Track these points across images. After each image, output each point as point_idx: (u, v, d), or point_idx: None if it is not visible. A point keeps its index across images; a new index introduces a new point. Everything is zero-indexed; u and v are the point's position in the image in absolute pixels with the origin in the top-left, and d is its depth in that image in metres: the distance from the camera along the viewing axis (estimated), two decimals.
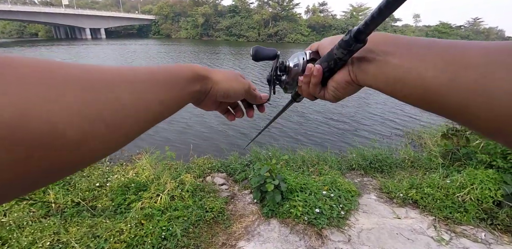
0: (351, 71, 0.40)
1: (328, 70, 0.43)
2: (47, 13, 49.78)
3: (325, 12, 74.03)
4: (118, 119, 0.26)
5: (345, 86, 0.42)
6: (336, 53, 0.39)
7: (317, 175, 3.65)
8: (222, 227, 2.65)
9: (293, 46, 50.10)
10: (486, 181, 2.89)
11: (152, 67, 0.35)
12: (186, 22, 69.01)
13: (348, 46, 0.36)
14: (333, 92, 0.44)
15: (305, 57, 0.49)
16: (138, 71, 0.32)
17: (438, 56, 0.31)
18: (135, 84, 0.30)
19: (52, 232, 2.29)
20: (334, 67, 0.42)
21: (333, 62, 0.41)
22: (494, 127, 0.27)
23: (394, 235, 2.60)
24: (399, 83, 0.34)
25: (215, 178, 3.51)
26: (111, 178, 3.11)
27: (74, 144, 0.22)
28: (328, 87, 0.45)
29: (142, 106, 0.30)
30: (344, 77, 0.41)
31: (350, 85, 0.42)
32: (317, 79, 0.44)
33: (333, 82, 0.43)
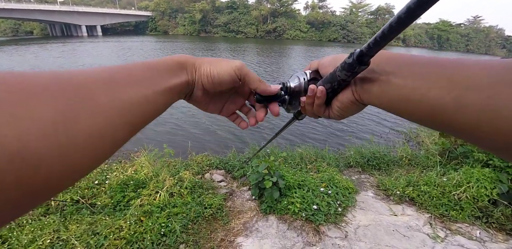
0: (355, 91, 0.40)
1: (332, 91, 0.43)
2: (42, 10, 49.08)
3: (324, 9, 73.73)
4: (98, 124, 0.25)
5: (350, 105, 0.42)
6: (339, 75, 0.39)
7: (315, 172, 3.68)
8: (220, 223, 2.67)
9: (292, 43, 50.00)
10: (482, 179, 2.93)
11: (130, 64, 0.33)
12: (184, 18, 68.51)
13: (352, 69, 0.36)
14: (337, 112, 0.44)
15: (305, 77, 0.49)
16: (114, 70, 0.30)
17: (441, 75, 0.30)
18: (111, 84, 0.28)
19: (52, 229, 2.30)
20: (337, 88, 0.42)
21: (336, 83, 0.41)
22: (503, 145, 0.27)
23: (390, 231, 2.64)
24: (403, 103, 0.34)
25: (213, 175, 3.53)
26: (110, 175, 3.12)
27: (53, 158, 0.20)
28: (333, 107, 0.44)
29: (123, 107, 0.28)
30: (348, 97, 0.41)
31: (355, 105, 0.41)
32: (321, 101, 0.44)
33: (337, 102, 0.43)
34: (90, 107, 0.24)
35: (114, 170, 3.29)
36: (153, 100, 0.32)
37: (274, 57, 24.95)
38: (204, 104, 0.47)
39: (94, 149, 0.24)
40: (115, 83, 0.28)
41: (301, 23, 66.80)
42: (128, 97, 0.29)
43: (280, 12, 66.18)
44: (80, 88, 0.25)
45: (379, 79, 0.36)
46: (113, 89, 0.27)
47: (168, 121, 7.44)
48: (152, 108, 0.32)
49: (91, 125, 0.24)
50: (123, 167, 3.38)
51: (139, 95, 0.30)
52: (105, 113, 0.25)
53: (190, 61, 0.41)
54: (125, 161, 3.73)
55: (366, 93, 0.38)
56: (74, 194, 2.76)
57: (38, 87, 0.22)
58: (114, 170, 3.29)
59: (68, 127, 0.22)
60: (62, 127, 0.21)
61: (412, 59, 0.35)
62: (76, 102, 0.23)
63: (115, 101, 0.27)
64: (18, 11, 46.13)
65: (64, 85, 0.23)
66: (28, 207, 0.21)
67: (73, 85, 0.24)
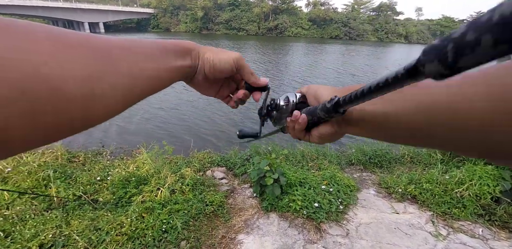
0: (334, 124, 0.43)
1: (312, 122, 0.45)
2: (45, 7, 49.14)
3: (326, 5, 73.31)
4: (118, 81, 0.29)
5: (330, 136, 0.45)
6: (319, 112, 0.41)
7: (316, 169, 3.67)
8: (222, 220, 2.68)
9: (294, 40, 49.76)
10: (485, 177, 2.91)
11: (144, 40, 0.37)
12: (185, 15, 68.33)
13: (329, 113, 0.39)
14: (317, 139, 0.47)
15: (294, 100, 0.52)
16: (133, 42, 0.34)
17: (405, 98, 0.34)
18: (129, 51, 0.32)
19: (54, 225, 2.31)
20: (317, 122, 0.45)
21: (316, 118, 0.43)
22: None
23: (392, 229, 2.63)
24: (381, 127, 0.37)
25: (215, 172, 3.53)
26: (112, 172, 3.13)
27: (79, 99, 0.24)
28: (312, 134, 0.47)
29: (137, 73, 0.32)
30: (327, 129, 0.44)
31: (334, 135, 0.45)
32: (301, 127, 0.46)
33: (317, 132, 0.46)
34: (112, 71, 0.28)
35: (116, 166, 3.30)
36: (162, 75, 0.37)
37: (274, 55, 24.86)
38: (202, 87, 0.51)
39: (108, 105, 0.29)
40: (135, 54, 0.33)
41: (303, 20, 66.48)
42: (143, 68, 0.33)
43: (281, 9, 65.88)
44: (107, 53, 0.29)
45: (354, 109, 0.38)
46: (132, 59, 0.32)
47: (170, 120, 7.45)
48: (158, 82, 0.36)
49: (110, 85, 0.28)
50: (125, 163, 3.39)
51: (152, 68, 0.34)
52: (123, 78, 0.30)
53: (195, 48, 0.44)
54: (127, 158, 3.74)
55: (345, 123, 0.41)
56: (76, 190, 2.77)
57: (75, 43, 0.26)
58: (116, 166, 3.30)
59: (94, 82, 0.26)
60: (88, 82, 0.25)
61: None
62: (103, 64, 0.27)
63: (133, 70, 0.31)
64: (21, 7, 46.18)
65: (94, 48, 0.27)
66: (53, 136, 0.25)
67: (102, 49, 0.28)
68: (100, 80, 0.26)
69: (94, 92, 0.26)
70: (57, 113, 0.23)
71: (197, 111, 8.22)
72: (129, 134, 6.07)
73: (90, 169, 3.27)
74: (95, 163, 3.51)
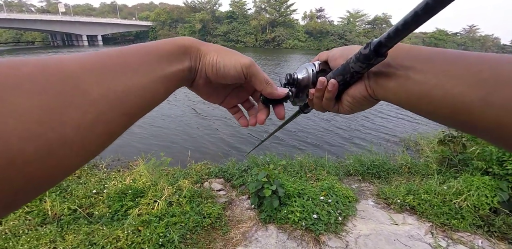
0: (368, 86, 0.37)
1: (343, 84, 0.40)
2: (43, 20, 49.75)
3: (322, 18, 74.84)
4: (90, 118, 0.23)
5: (362, 100, 0.39)
6: (353, 66, 0.36)
7: (314, 180, 3.66)
8: (219, 233, 2.64)
9: (291, 52, 50.46)
10: (483, 187, 2.91)
11: (125, 48, 0.31)
12: (184, 28, 69.35)
13: (367, 60, 0.34)
14: (348, 107, 0.41)
15: (314, 69, 0.46)
16: (106, 56, 0.28)
17: (467, 71, 0.28)
18: (102, 71, 0.25)
19: (49, 240, 2.27)
20: (350, 81, 0.39)
21: (349, 75, 0.38)
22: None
23: (391, 241, 2.60)
24: (424, 100, 0.31)
25: (212, 183, 3.50)
26: (108, 184, 3.10)
27: (39, 157, 0.19)
28: (343, 102, 0.41)
29: (116, 97, 0.25)
30: (361, 92, 0.38)
31: (367, 100, 0.39)
32: (332, 95, 0.40)
33: (348, 96, 0.40)
34: (80, 100, 0.22)
35: (112, 179, 3.27)
36: (151, 88, 0.30)
37: (273, 65, 25.14)
38: (206, 93, 0.43)
39: (86, 144, 0.23)
40: (108, 71, 0.26)
41: (300, 33, 67.65)
42: (123, 86, 0.26)
43: (278, 22, 67.10)
44: (68, 78, 0.22)
45: (397, 74, 0.33)
46: (105, 78, 0.25)
47: (167, 130, 7.43)
48: (150, 97, 0.30)
49: (81, 120, 0.22)
50: (122, 176, 3.36)
51: (135, 84, 0.28)
52: (97, 106, 0.23)
53: (195, 46, 0.37)
54: (124, 170, 3.71)
55: (382, 88, 0.35)
56: (71, 204, 2.73)
57: (22, 78, 0.20)
58: (112, 179, 3.27)
59: (56, 124, 0.20)
60: (49, 125, 0.20)
61: (432, 53, 0.32)
62: (64, 96, 0.21)
63: (108, 92, 0.25)
64: (20, 21, 46.75)
65: (51, 76, 0.21)
66: (9, 209, 0.20)
67: (61, 75, 0.22)
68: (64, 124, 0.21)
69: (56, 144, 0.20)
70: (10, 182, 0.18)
71: (194, 122, 8.22)
72: (125, 146, 6.04)
73: (86, 182, 3.23)
74: (91, 175, 3.48)
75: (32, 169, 0.19)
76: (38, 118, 0.19)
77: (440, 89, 0.29)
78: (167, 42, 0.35)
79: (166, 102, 9.43)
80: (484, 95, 0.26)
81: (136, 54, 0.30)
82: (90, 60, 0.25)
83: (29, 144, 0.18)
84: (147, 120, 7.91)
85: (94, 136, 0.23)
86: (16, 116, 0.18)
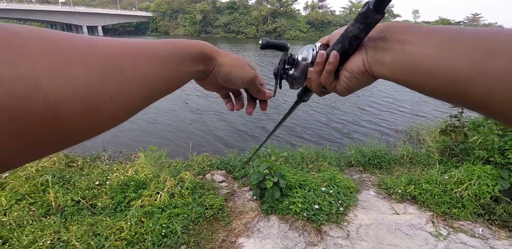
0: (366, 61, 0.38)
1: (342, 53, 0.40)
2: (43, 10, 49.42)
3: (324, 8, 73.82)
4: (122, 91, 0.27)
5: (359, 76, 0.40)
6: (351, 30, 0.36)
7: (316, 171, 3.67)
8: (222, 224, 2.67)
9: (292, 43, 49.92)
10: (484, 176, 2.91)
11: (157, 42, 0.34)
12: (184, 19, 68.66)
13: (366, 18, 0.34)
14: (345, 83, 0.42)
15: (315, 49, 0.46)
16: (141, 46, 0.32)
17: (459, 43, 0.29)
18: (137, 58, 0.30)
19: (53, 230, 2.30)
20: (348, 49, 0.39)
21: (347, 42, 0.38)
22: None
23: (392, 230, 2.62)
24: (418, 72, 0.32)
25: (214, 175, 3.52)
26: (111, 176, 3.12)
27: (81, 114, 0.23)
28: (340, 78, 0.43)
29: (145, 81, 0.30)
30: (358, 66, 0.39)
31: (364, 76, 0.40)
32: (333, 67, 0.42)
33: (346, 71, 0.41)
34: (118, 78, 0.27)
35: (114, 171, 3.29)
36: (171, 80, 0.35)
37: (273, 57, 24.95)
38: (208, 87, 0.50)
39: (115, 113, 0.27)
40: (140, 59, 0.30)
41: (301, 23, 66.83)
42: (150, 73, 0.31)
43: (280, 12, 66.22)
44: (112, 57, 0.27)
45: (392, 48, 0.34)
46: (138, 64, 0.30)
47: (169, 122, 7.44)
48: (167, 86, 0.35)
49: (116, 93, 0.26)
50: (124, 167, 3.38)
51: (161, 74, 0.33)
52: (129, 85, 0.28)
53: (213, 55, 0.43)
54: (126, 162, 3.73)
55: (378, 62, 0.36)
56: (74, 195, 2.76)
57: (75, 51, 0.24)
58: (114, 171, 3.29)
59: (99, 92, 0.24)
60: (93, 91, 0.24)
61: (429, 28, 0.33)
62: (107, 71, 0.26)
63: (139, 75, 0.29)
64: (20, 11, 46.46)
65: (98, 54, 0.26)
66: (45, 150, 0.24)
67: (106, 55, 0.26)
68: (102, 93, 0.25)
69: (95, 106, 0.24)
70: (50, 130, 0.22)
71: (196, 114, 8.22)
72: (127, 138, 6.07)
73: (89, 173, 3.25)
74: (93, 167, 3.50)
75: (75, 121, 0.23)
76: (84, 83, 0.23)
77: (432, 60, 0.30)
78: (192, 46, 0.39)
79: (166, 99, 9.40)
80: (474, 65, 0.27)
81: (167, 50, 0.35)
82: (130, 47, 0.30)
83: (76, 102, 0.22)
84: (146, 116, 7.92)
85: (121, 107, 0.28)
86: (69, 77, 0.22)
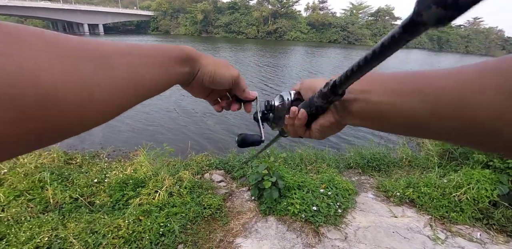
0: (335, 113, 0.41)
1: (310, 115, 0.44)
2: (45, 8, 49.27)
3: (325, 10, 73.96)
4: (113, 87, 0.28)
5: (329, 126, 0.44)
6: (316, 101, 0.40)
7: (314, 173, 3.67)
8: (219, 223, 2.66)
9: (293, 44, 50.00)
10: (483, 181, 2.92)
11: (145, 45, 0.36)
12: (185, 18, 68.57)
13: (326, 98, 0.38)
14: (317, 132, 0.46)
15: (289, 98, 0.51)
16: (133, 47, 0.34)
17: (413, 89, 0.32)
18: (129, 57, 0.31)
19: (50, 227, 2.29)
20: (315, 113, 0.43)
21: (314, 108, 0.42)
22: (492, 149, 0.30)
23: (390, 233, 2.62)
24: (384, 118, 0.35)
25: (213, 175, 3.52)
26: (110, 174, 3.11)
27: (74, 106, 0.24)
28: (313, 128, 0.46)
29: (134, 78, 0.31)
30: (328, 119, 0.43)
31: (334, 126, 0.43)
32: (302, 122, 0.46)
33: (316, 124, 0.45)
34: (109, 73, 0.28)
35: (113, 168, 3.28)
36: (159, 79, 0.36)
37: (272, 57, 24.96)
38: (196, 92, 0.52)
39: (106, 106, 0.28)
40: (132, 57, 0.32)
41: (302, 24, 66.94)
42: (140, 72, 0.32)
43: (281, 13, 66.29)
44: (104, 55, 0.28)
45: (357, 99, 0.37)
46: (129, 62, 0.31)
47: (167, 122, 7.43)
48: (157, 86, 0.36)
49: (108, 88, 0.28)
50: (123, 166, 3.37)
51: (149, 73, 0.34)
52: (120, 81, 0.29)
53: (197, 57, 0.44)
54: (125, 160, 3.72)
55: (346, 113, 0.39)
56: (73, 192, 2.75)
57: (70, 47, 0.25)
58: (113, 168, 3.28)
59: (91, 86, 0.26)
60: (86, 84, 0.25)
61: (383, 76, 0.36)
62: (99, 67, 0.27)
63: (129, 73, 0.31)
64: (21, 8, 46.31)
65: (91, 51, 0.27)
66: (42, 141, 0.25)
67: (98, 52, 0.28)
68: (95, 86, 0.26)
69: (88, 98, 0.26)
70: (47, 120, 0.23)
71: (195, 114, 8.21)
72: (126, 136, 6.05)
73: (88, 171, 3.24)
74: (92, 165, 3.49)
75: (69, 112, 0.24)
76: (79, 78, 0.25)
77: (394, 106, 0.33)
78: (177, 48, 0.41)
79: (166, 96, 9.39)
80: (429, 108, 0.30)
81: (157, 50, 0.37)
82: (121, 47, 0.32)
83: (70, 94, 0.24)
84: (146, 115, 7.91)
85: (112, 103, 0.29)
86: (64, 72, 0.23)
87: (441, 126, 0.30)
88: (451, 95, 0.29)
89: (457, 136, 0.30)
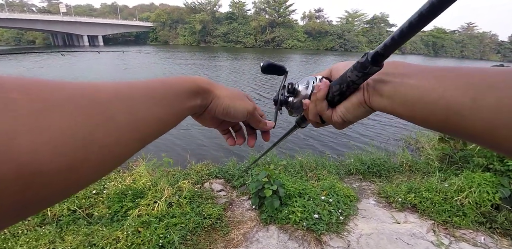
0: (365, 91, 0.39)
1: (339, 94, 0.41)
2: (45, 20, 49.96)
3: (321, 18, 75.10)
4: (112, 140, 0.25)
5: (357, 107, 0.40)
6: (349, 75, 0.37)
7: (315, 180, 3.64)
8: (220, 234, 2.62)
9: (290, 52, 50.52)
10: (484, 184, 2.89)
11: (151, 81, 0.34)
12: (184, 29, 69.51)
13: (364, 69, 0.35)
14: (342, 113, 0.42)
15: (315, 81, 0.47)
16: (135, 88, 0.30)
17: (457, 77, 0.30)
18: (130, 102, 0.28)
19: (48, 240, 2.25)
20: (346, 91, 0.40)
21: (345, 85, 0.39)
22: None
23: (393, 240, 2.59)
24: (418, 104, 0.32)
25: (213, 184, 3.49)
26: (108, 185, 3.08)
27: (63, 171, 0.21)
28: (337, 110, 0.43)
29: (137, 125, 0.28)
30: (357, 97, 0.40)
31: (362, 107, 0.40)
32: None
33: (343, 106, 0.42)
34: (107, 125, 0.25)
35: (112, 179, 3.26)
36: (167, 120, 0.33)
37: None
38: (206, 123, 0.50)
39: (103, 165, 0.25)
40: (134, 102, 0.29)
41: (299, 33, 67.82)
42: (144, 116, 0.29)
43: (278, 22, 67.22)
44: (100, 105, 0.25)
45: (393, 81, 0.35)
46: (131, 108, 0.28)
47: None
48: (163, 127, 0.33)
49: (106, 143, 0.24)
50: (122, 176, 3.35)
51: (155, 115, 0.31)
52: (120, 131, 0.26)
53: (209, 88, 0.42)
54: (124, 170, 3.69)
55: (377, 94, 0.37)
56: (71, 204, 2.72)
57: (60, 100, 0.22)
58: (112, 179, 3.26)
59: (85, 144, 0.22)
60: (79, 143, 0.22)
61: (427, 66, 0.35)
62: (96, 119, 0.24)
63: (131, 120, 0.27)
64: (21, 21, 46.94)
65: (86, 100, 0.24)
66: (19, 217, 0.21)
67: (94, 101, 0.25)
68: (88, 145, 0.22)
69: (79, 160, 0.22)
70: (26, 192, 0.19)
71: (195, 124, 8.20)
72: None
73: None
74: None
75: (55, 181, 0.20)
76: (71, 136, 0.21)
77: (433, 92, 0.31)
78: (186, 81, 0.38)
79: None
80: (474, 97, 0.27)
81: (159, 88, 0.34)
82: (120, 90, 0.28)
83: (59, 158, 0.20)
84: None
85: (111, 157, 0.25)
86: (52, 131, 0.20)
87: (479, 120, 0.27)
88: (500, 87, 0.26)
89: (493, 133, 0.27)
